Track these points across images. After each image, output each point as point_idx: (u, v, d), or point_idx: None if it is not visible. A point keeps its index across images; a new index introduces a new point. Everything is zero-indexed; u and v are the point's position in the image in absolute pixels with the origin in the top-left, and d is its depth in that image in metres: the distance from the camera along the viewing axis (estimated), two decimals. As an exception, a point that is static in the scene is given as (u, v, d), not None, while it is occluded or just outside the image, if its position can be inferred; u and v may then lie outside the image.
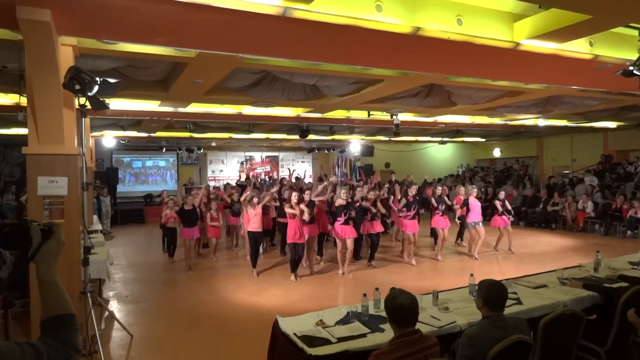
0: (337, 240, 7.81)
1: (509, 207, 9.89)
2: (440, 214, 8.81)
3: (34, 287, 4.13)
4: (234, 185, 13.92)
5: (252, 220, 7.65)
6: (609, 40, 5.34)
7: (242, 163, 20.80)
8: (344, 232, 7.66)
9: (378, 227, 8.28)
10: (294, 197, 7.40)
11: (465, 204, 9.16)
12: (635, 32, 4.84)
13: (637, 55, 4.77)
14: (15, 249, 1.30)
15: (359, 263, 8.65)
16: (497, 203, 9.66)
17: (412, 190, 8.50)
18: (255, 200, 7.64)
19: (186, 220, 8.50)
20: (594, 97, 9.13)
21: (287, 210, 7.31)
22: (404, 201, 8.46)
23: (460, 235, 10.57)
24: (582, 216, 12.67)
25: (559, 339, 3.07)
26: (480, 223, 9.04)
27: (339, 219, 7.68)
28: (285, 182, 10.97)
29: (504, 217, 9.61)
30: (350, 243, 7.67)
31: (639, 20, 4.59)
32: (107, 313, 5.59)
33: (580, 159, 17.23)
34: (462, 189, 9.54)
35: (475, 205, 9.10)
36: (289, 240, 7.33)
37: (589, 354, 3.47)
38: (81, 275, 4.56)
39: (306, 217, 7.31)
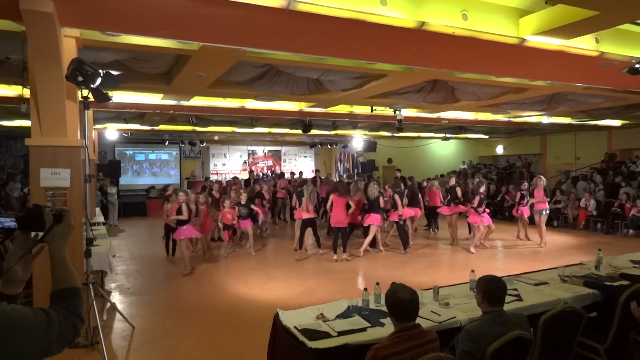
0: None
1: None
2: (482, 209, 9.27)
3: (38, 278, 4.16)
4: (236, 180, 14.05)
5: (299, 210, 9.08)
6: (615, 37, 5.30)
7: (244, 162, 20.82)
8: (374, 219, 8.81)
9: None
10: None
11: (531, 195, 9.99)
12: (641, 29, 4.82)
13: (643, 52, 4.74)
14: (30, 230, 1.47)
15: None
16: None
17: (483, 188, 9.47)
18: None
19: (183, 221, 7.70)
20: (598, 94, 9.08)
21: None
22: (478, 198, 9.24)
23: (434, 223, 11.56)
24: (584, 214, 12.64)
25: (559, 335, 3.08)
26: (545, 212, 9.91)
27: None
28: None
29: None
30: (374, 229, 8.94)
31: (646, 17, 4.56)
32: (109, 304, 5.63)
33: (584, 157, 17.16)
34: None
35: (541, 195, 9.89)
36: (332, 225, 8.69)
37: (588, 351, 3.47)
38: (83, 267, 4.58)
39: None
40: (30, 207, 1.49)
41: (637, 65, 4.84)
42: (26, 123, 9.97)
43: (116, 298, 6.31)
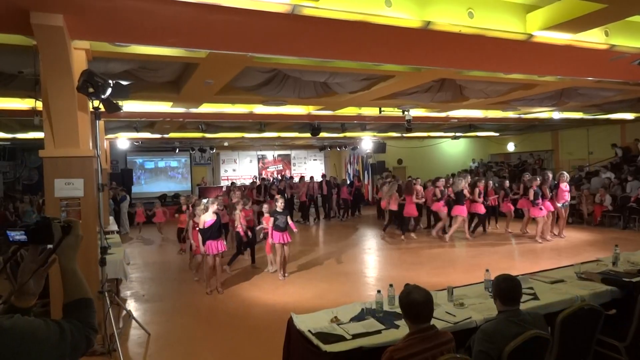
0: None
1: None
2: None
3: (54, 288, 4.21)
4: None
5: (392, 204, 11.16)
6: (625, 30, 5.22)
7: (255, 177, 20.69)
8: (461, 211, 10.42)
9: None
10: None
11: (556, 188, 10.38)
12: (652, 21, 4.74)
13: (655, 44, 4.66)
14: (39, 243, 1.46)
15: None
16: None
17: (536, 182, 10.18)
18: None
19: (210, 234, 6.72)
20: (610, 88, 8.95)
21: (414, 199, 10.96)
22: (532, 192, 10.11)
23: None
24: (600, 210, 12.45)
25: (577, 334, 3.03)
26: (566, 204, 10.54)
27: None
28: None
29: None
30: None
31: (656, 8, 4.48)
32: (124, 312, 5.68)
33: (597, 152, 16.90)
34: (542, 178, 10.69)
35: (564, 190, 10.37)
36: (405, 215, 11.05)
37: (608, 349, 3.41)
38: (99, 275, 4.64)
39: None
40: (38, 219, 1.49)
41: (648, 57, 4.77)
42: (40, 135, 10.15)
43: (131, 305, 6.37)
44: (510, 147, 21.07)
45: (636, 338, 3.37)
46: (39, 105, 5.31)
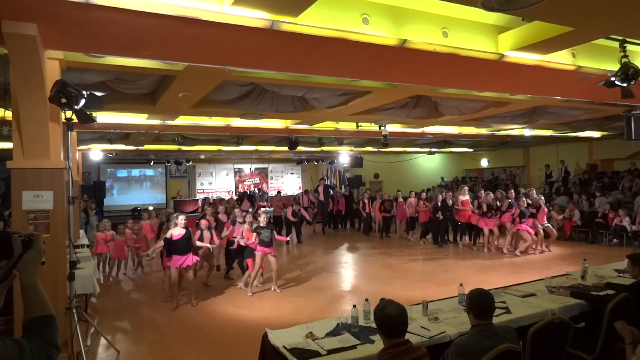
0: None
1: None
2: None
3: (18, 305, 4.05)
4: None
5: (423, 212, 12.63)
6: (591, 52, 5.47)
7: (232, 193, 20.35)
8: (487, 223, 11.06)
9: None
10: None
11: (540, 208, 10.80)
12: (616, 44, 4.97)
13: (619, 66, 4.88)
14: None
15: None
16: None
17: (523, 203, 10.52)
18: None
19: (176, 249, 6.69)
20: (577, 107, 9.31)
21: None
22: (517, 211, 10.54)
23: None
24: (569, 225, 12.82)
25: (548, 347, 3.09)
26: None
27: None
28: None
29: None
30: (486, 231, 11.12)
31: (620, 33, 4.72)
32: (93, 329, 5.49)
33: (566, 168, 17.50)
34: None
35: (546, 211, 10.95)
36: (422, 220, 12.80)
37: (577, 362, 3.49)
38: (67, 291, 4.48)
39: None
40: None
41: (612, 78, 4.98)
42: (7, 145, 9.82)
43: (101, 322, 6.16)
44: (484, 162, 21.57)
45: (603, 350, 3.46)
46: (8, 114, 5.17)
